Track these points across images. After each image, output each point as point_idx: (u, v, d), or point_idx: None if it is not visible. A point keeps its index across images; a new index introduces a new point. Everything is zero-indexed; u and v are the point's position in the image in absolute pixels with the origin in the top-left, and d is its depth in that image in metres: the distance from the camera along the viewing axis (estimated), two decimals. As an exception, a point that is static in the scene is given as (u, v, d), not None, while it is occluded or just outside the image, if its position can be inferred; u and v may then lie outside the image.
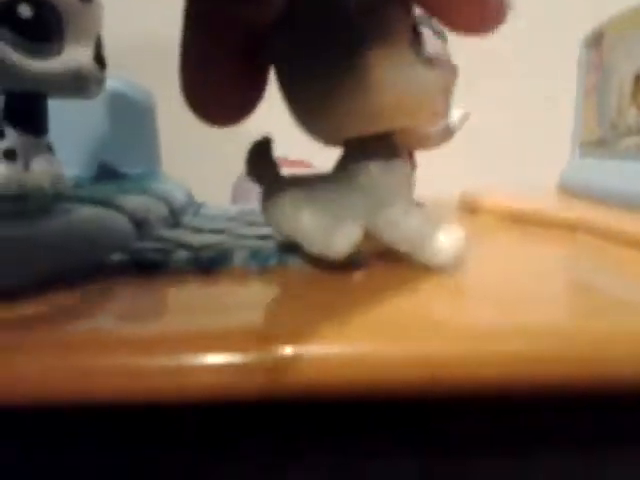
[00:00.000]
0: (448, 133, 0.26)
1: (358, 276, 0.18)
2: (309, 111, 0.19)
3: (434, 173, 0.38)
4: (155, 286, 0.18)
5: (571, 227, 0.27)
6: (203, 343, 0.13)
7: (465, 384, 0.13)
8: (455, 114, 0.26)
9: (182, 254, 0.19)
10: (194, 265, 0.19)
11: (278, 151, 0.36)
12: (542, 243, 0.25)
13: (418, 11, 0.18)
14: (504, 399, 0.14)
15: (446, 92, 0.19)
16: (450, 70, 0.19)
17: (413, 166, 0.26)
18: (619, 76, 0.31)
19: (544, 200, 0.34)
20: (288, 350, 0.13)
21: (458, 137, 0.28)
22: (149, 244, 0.22)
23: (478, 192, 0.36)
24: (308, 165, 0.43)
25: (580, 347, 0.13)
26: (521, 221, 0.29)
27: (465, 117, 0.26)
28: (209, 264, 0.19)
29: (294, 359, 0.13)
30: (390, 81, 0.17)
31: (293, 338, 0.13)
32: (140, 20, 0.53)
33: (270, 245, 0.21)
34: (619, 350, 0.13)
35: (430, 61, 0.18)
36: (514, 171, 0.51)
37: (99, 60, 0.27)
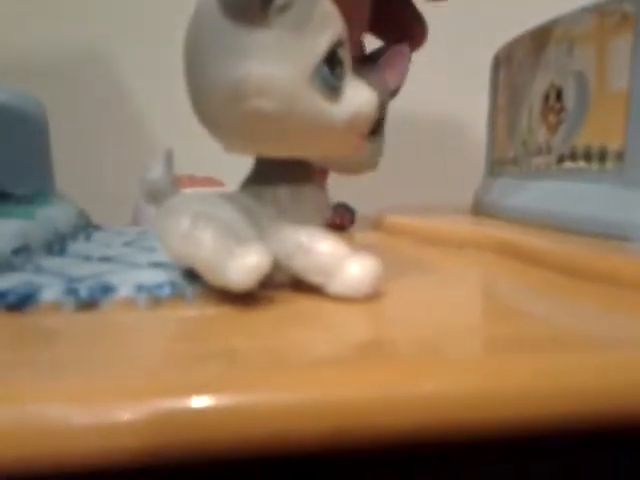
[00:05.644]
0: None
1: (262, 310, 0.16)
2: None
3: (349, 191, 0.37)
4: (22, 325, 0.15)
5: (484, 247, 0.26)
6: (74, 398, 0.11)
7: (375, 433, 0.11)
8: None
9: (56, 287, 0.17)
10: (70, 299, 0.16)
11: (185, 168, 0.34)
12: (456, 264, 0.24)
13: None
14: (419, 448, 0.12)
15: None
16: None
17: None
18: (529, 95, 0.31)
19: (458, 220, 0.34)
20: (178, 405, 0.11)
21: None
22: (20, 276, 0.19)
23: (392, 212, 0.35)
24: (219, 183, 0.40)
25: (502, 385, 0.12)
26: (435, 241, 0.29)
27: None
28: (88, 298, 0.16)
29: (184, 415, 0.11)
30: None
31: (182, 390, 0.11)
32: (35, 28, 0.49)
33: (164, 274, 0.19)
34: (544, 386, 0.12)
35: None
36: (428, 191, 0.51)
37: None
